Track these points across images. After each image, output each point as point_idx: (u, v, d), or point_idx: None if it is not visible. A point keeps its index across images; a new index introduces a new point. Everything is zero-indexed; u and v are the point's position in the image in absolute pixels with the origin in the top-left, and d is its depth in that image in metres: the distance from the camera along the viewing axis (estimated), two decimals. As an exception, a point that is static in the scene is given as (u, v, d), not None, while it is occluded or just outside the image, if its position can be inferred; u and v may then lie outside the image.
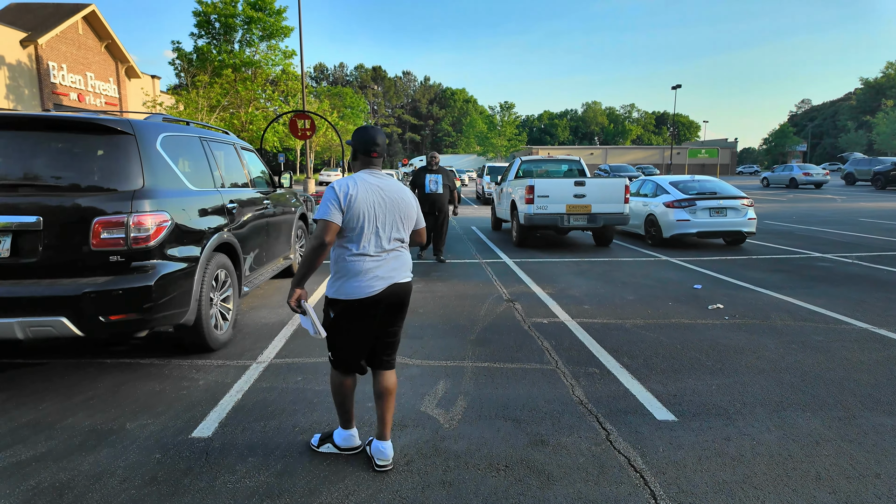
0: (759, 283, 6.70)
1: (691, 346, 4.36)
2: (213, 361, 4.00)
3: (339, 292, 2.48)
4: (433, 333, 4.67)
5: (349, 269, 2.45)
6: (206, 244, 3.99)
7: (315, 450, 2.74)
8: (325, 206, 2.39)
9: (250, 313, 5.31)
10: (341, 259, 2.47)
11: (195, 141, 4.42)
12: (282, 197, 6.35)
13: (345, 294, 2.46)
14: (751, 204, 9.48)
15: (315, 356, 4.11)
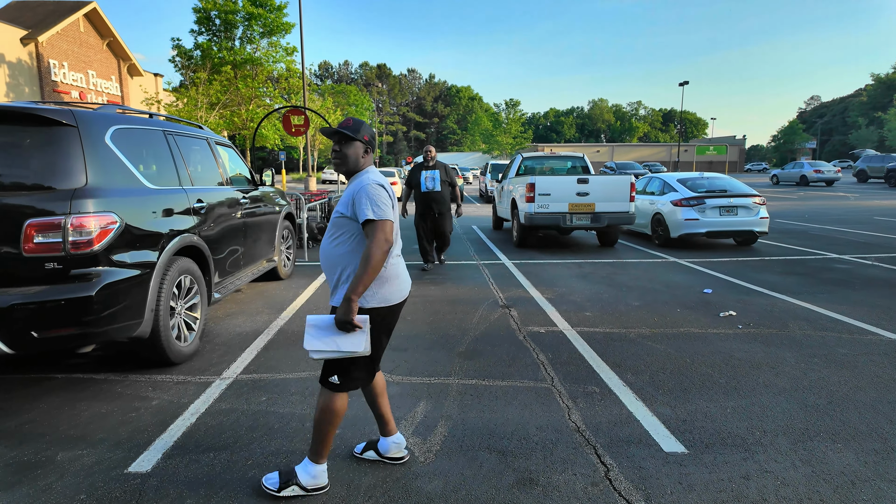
0: (774, 286, 6.26)
1: (702, 359, 3.94)
2: (173, 377, 3.63)
3: (382, 299, 2.26)
4: (419, 345, 4.28)
5: (391, 272, 2.29)
6: (165, 248, 3.62)
7: (274, 494, 2.31)
8: (384, 205, 2.18)
9: (225, 321, 4.94)
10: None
11: (157, 135, 4.04)
12: (264, 196, 5.97)
13: (386, 300, 2.28)
14: (763, 202, 9.02)
15: (285, 371, 3.73)
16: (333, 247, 2.27)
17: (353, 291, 2.08)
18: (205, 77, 24.76)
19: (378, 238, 2.11)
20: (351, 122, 2.32)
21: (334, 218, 2.29)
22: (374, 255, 2.09)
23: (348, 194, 2.24)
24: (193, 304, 4.10)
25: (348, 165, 2.32)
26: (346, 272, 2.22)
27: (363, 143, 2.33)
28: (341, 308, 2.09)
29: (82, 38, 26.98)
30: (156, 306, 3.50)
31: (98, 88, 26.98)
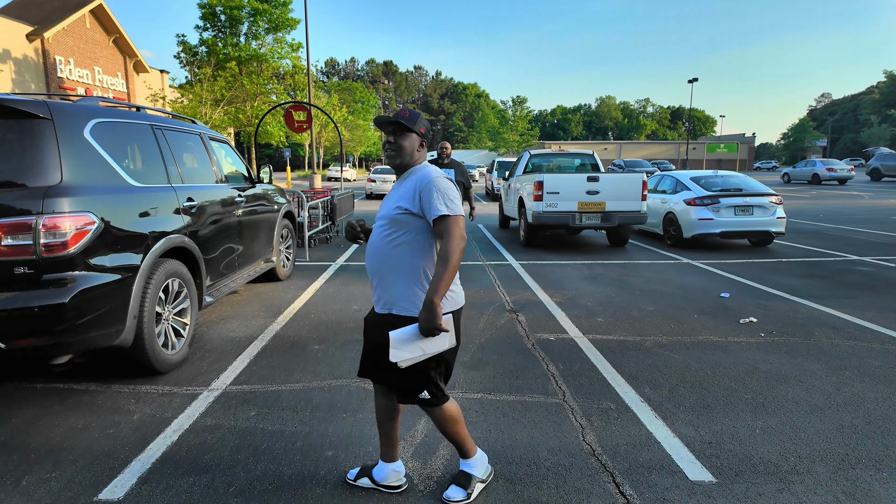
0: (794, 290, 5.96)
1: (725, 372, 3.67)
2: (158, 388, 3.41)
3: (455, 301, 2.15)
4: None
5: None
6: (149, 250, 3.39)
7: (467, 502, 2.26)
8: (456, 199, 2.07)
9: (218, 325, 4.71)
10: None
11: (145, 129, 3.81)
12: (262, 194, 5.74)
13: (458, 302, 2.17)
14: (780, 202, 8.71)
15: (277, 382, 3.49)
16: (392, 246, 2.09)
17: (435, 294, 1.92)
18: (209, 73, 24.59)
19: (455, 235, 1.98)
20: (408, 113, 2.15)
21: (393, 214, 2.09)
22: (453, 254, 1.96)
23: (409, 189, 2.08)
24: (182, 308, 3.87)
25: (403, 158, 2.14)
26: (408, 275, 2.07)
27: (419, 135, 2.17)
28: (425, 313, 1.92)
29: (88, 35, 26.91)
30: (139, 312, 3.27)
31: (104, 85, 26.90)
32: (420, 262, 2.07)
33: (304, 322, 4.80)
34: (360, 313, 5.07)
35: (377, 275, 2.14)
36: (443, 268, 1.93)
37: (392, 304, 2.09)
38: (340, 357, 3.93)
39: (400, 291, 2.07)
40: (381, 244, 2.12)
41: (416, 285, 2.07)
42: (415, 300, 2.05)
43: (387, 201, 2.19)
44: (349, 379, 3.53)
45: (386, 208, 2.15)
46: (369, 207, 17.62)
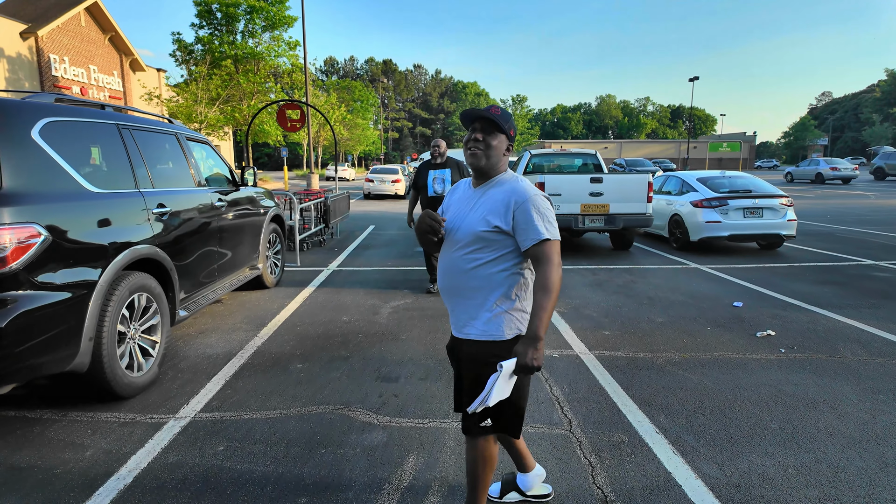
0: (810, 299, 5.63)
1: (746, 395, 3.34)
2: (119, 416, 3.07)
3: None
4: (412, 372, 3.70)
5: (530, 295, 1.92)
6: (110, 263, 3.05)
7: None
8: (553, 222, 1.83)
9: (195, 340, 4.38)
10: (528, 284, 1.91)
11: (108, 129, 3.47)
12: (246, 197, 5.40)
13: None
14: (790, 203, 8.36)
15: (252, 409, 3.15)
16: (474, 266, 1.86)
17: (539, 328, 1.71)
18: (204, 71, 24.23)
19: (556, 261, 1.78)
20: (499, 111, 1.89)
21: (480, 231, 1.84)
22: (555, 282, 1.75)
23: (500, 203, 1.84)
24: (152, 325, 3.54)
25: (489, 161, 1.89)
26: (494, 298, 1.85)
27: (509, 138, 1.92)
28: (530, 350, 1.70)
29: (84, 33, 26.57)
30: (96, 333, 2.94)
31: (100, 84, 26.54)
32: (507, 284, 1.85)
33: (288, 336, 4.46)
34: (349, 325, 4.73)
35: (456, 296, 1.92)
36: (546, 298, 1.72)
37: (473, 328, 1.88)
38: (324, 378, 3.59)
39: (480, 315, 1.86)
40: (461, 262, 1.88)
41: (500, 310, 1.86)
42: (503, 326, 1.85)
43: (463, 211, 1.91)
44: (331, 405, 3.20)
45: (468, 222, 1.87)
46: (367, 208, 17.28)
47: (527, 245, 1.78)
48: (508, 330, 1.85)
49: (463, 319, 1.91)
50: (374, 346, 4.23)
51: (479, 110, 1.87)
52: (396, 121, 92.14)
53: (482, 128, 1.87)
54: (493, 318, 1.85)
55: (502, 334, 1.85)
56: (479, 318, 1.86)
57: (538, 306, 1.72)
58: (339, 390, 3.40)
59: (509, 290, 1.85)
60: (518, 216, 1.80)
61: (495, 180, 1.91)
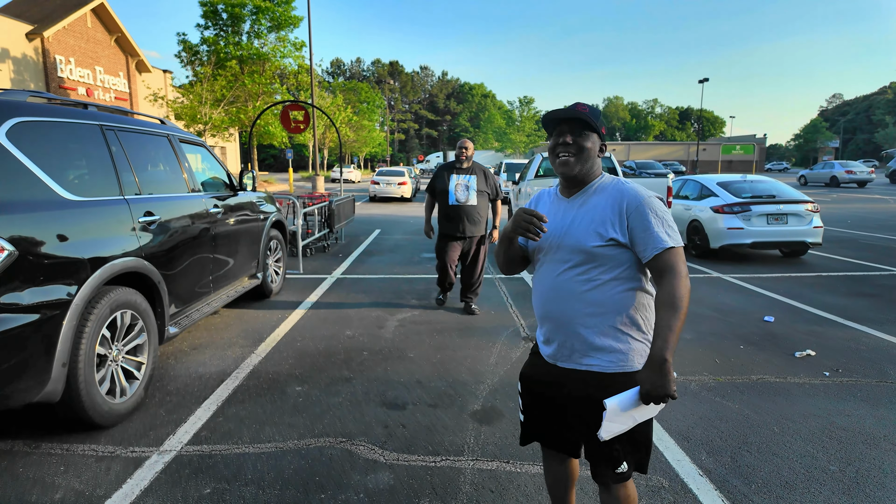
0: (846, 313, 5.26)
1: (794, 428, 2.99)
2: (97, 448, 2.76)
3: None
4: (421, 398, 3.37)
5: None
6: (88, 278, 2.75)
7: None
8: (674, 226, 1.57)
9: (188, 357, 4.07)
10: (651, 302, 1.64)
11: (91, 131, 3.17)
12: (245, 202, 5.10)
13: None
14: (816, 209, 7.98)
15: (245, 441, 2.83)
16: (590, 287, 1.59)
17: (667, 350, 1.44)
18: (209, 72, 24.06)
19: (683, 272, 1.51)
20: (587, 108, 1.64)
21: (590, 246, 1.58)
22: (684, 297, 1.48)
23: (608, 210, 1.58)
24: (137, 345, 3.23)
25: (584, 166, 1.64)
26: (618, 322, 1.59)
27: (601, 137, 1.67)
28: (656, 376, 1.44)
29: (90, 34, 26.52)
30: (70, 358, 2.63)
31: (105, 85, 26.46)
32: (629, 305, 1.59)
33: (287, 353, 4.15)
34: (352, 341, 4.41)
35: (567, 325, 1.64)
36: (674, 316, 1.46)
37: (587, 357, 1.62)
38: (325, 404, 3.27)
39: (600, 343, 1.60)
40: (573, 285, 1.61)
41: (624, 335, 1.60)
42: (632, 354, 1.60)
43: (560, 226, 1.65)
44: (332, 437, 2.88)
45: (573, 237, 1.61)
46: (373, 211, 16.98)
47: (648, 256, 1.53)
48: (639, 358, 1.60)
49: (578, 349, 1.63)
50: (378, 365, 3.91)
51: (563, 111, 1.63)
52: (402, 122, 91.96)
53: (571, 129, 1.62)
54: (620, 345, 1.59)
55: (633, 364, 1.59)
56: (603, 347, 1.60)
57: (664, 325, 1.46)
58: (341, 419, 3.07)
59: (633, 313, 1.59)
60: (634, 223, 1.54)
61: (594, 186, 1.66)
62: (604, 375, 1.60)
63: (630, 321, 1.59)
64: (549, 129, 1.70)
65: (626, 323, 1.59)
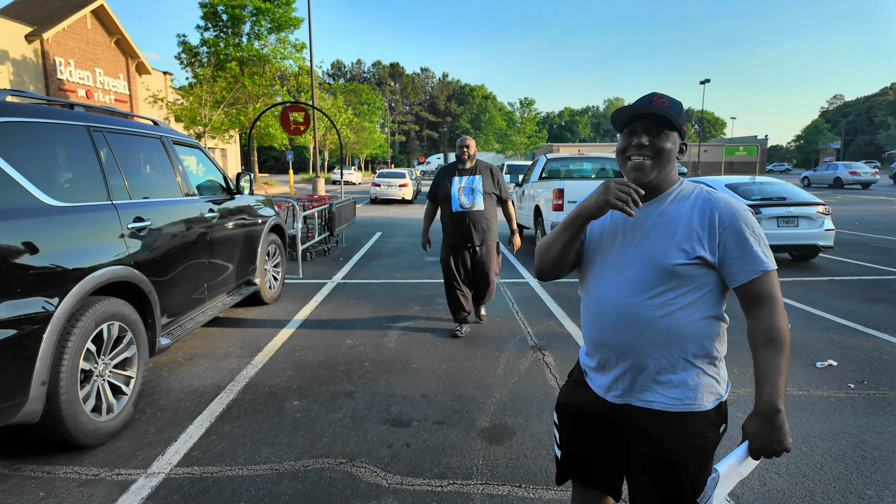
0: (865, 319, 5.07)
1: (824, 448, 2.81)
2: (81, 471, 2.58)
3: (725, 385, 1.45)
4: (427, 414, 3.19)
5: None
6: (70, 290, 2.57)
7: None
8: (768, 244, 1.38)
9: (182, 368, 3.89)
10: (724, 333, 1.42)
11: (76, 132, 3.00)
12: (243, 206, 4.93)
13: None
14: (828, 212, 7.79)
15: (239, 462, 2.65)
16: (666, 313, 1.35)
17: (780, 397, 1.25)
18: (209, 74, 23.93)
19: (781, 301, 1.32)
20: (667, 100, 1.40)
21: (669, 264, 1.34)
22: (787, 331, 1.30)
23: (694, 222, 1.35)
24: (126, 358, 3.06)
25: (661, 171, 1.39)
26: (690, 355, 1.36)
27: (681, 135, 1.42)
28: (768, 429, 1.26)
29: (89, 36, 26.44)
30: (50, 377, 2.46)
31: (105, 87, 26.35)
32: (707, 336, 1.36)
33: (285, 364, 3.97)
34: (353, 351, 4.24)
35: (630, 354, 1.39)
36: (780, 355, 1.27)
37: (649, 392, 1.39)
38: (324, 420, 3.09)
39: (667, 377, 1.37)
40: (643, 309, 1.36)
41: (694, 369, 1.37)
42: (701, 392, 1.37)
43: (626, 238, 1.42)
44: (331, 458, 2.70)
45: (648, 252, 1.37)
46: (374, 213, 16.82)
47: (742, 280, 1.32)
48: (708, 396, 1.37)
49: (641, 382, 1.40)
50: (381, 377, 3.73)
51: (637, 105, 1.37)
52: (403, 124, 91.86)
53: (646, 128, 1.38)
54: (690, 380, 1.36)
55: (702, 403, 1.36)
56: (670, 383, 1.37)
57: (769, 367, 1.27)
58: (342, 437, 2.90)
59: (709, 343, 1.37)
60: (728, 241, 1.32)
61: (672, 193, 1.41)
62: (667, 415, 1.37)
63: (705, 354, 1.37)
64: (618, 126, 1.44)
65: (699, 355, 1.36)
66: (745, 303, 1.35)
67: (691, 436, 1.34)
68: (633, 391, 1.41)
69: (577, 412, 1.53)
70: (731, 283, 1.34)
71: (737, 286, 1.33)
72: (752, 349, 1.32)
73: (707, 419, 1.36)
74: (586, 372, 1.54)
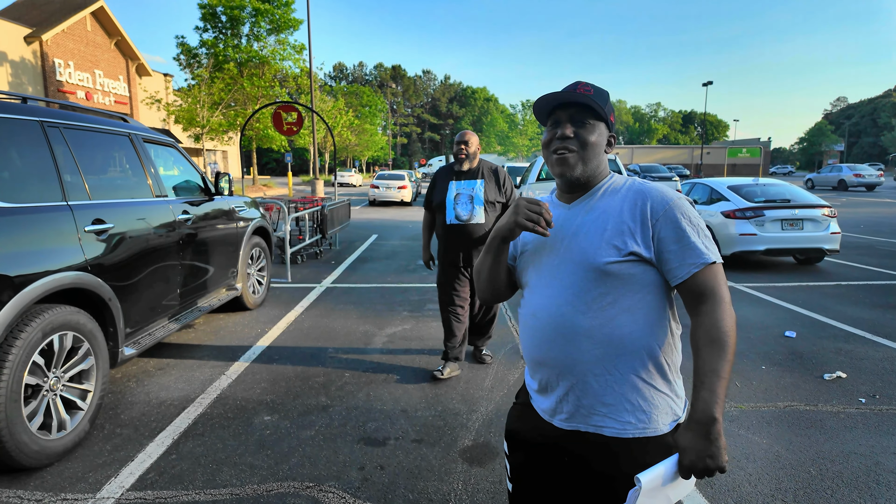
0: (874, 327, 4.83)
1: (836, 472, 2.57)
2: (22, 496, 2.36)
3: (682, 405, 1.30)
4: (405, 431, 2.97)
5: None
6: (11, 298, 2.36)
7: None
8: (711, 237, 1.20)
9: (151, 379, 3.68)
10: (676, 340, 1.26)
11: (28, 128, 2.79)
12: (223, 209, 4.72)
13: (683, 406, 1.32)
14: (833, 214, 7.55)
15: (197, 485, 2.43)
16: (600, 320, 1.18)
17: (718, 404, 1.07)
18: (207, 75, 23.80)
19: (727, 297, 1.16)
20: (591, 89, 1.27)
21: (601, 263, 1.18)
22: (732, 330, 1.13)
23: (625, 214, 1.21)
24: (82, 370, 2.84)
25: (588, 165, 1.25)
26: (639, 368, 1.20)
27: (609, 126, 1.29)
28: (701, 442, 1.07)
29: (89, 37, 26.37)
30: (-14, 393, 2.24)
31: (105, 88, 26.28)
32: (653, 344, 1.20)
33: (261, 374, 3.75)
34: (335, 360, 4.02)
35: (565, 368, 1.23)
36: (721, 357, 1.10)
37: (596, 416, 1.21)
38: (294, 439, 2.87)
39: (614, 398, 1.20)
40: (575, 316, 1.20)
41: (646, 386, 1.20)
42: (656, 412, 1.20)
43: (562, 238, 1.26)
44: (297, 481, 2.48)
45: (580, 250, 1.22)
46: (371, 215, 16.61)
47: (682, 276, 1.16)
48: (664, 417, 1.21)
49: (585, 404, 1.22)
50: (360, 390, 3.51)
51: (558, 94, 1.24)
52: (405, 126, 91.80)
53: (570, 118, 1.24)
54: (640, 400, 1.20)
55: (657, 426, 1.20)
56: (619, 404, 1.20)
57: (708, 370, 1.09)
58: (311, 458, 2.67)
59: (658, 354, 1.20)
60: (663, 232, 1.17)
61: (602, 188, 1.28)
62: (619, 441, 1.20)
63: (655, 367, 1.20)
64: (542, 118, 1.31)
65: (649, 370, 1.19)
66: (687, 301, 1.18)
67: (647, 466, 1.16)
68: (580, 415, 1.23)
69: (526, 440, 1.34)
70: (672, 280, 1.18)
71: (676, 283, 1.17)
72: (693, 351, 1.14)
73: (663, 444, 1.19)
74: (530, 394, 1.37)
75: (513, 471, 1.39)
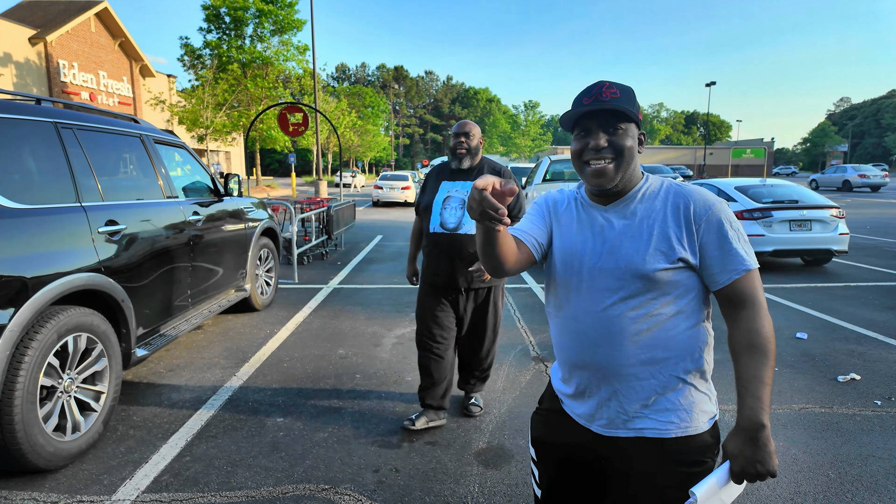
0: (887, 329, 4.81)
1: (855, 475, 2.55)
2: (37, 498, 2.36)
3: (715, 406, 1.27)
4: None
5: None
6: (27, 300, 2.36)
7: None
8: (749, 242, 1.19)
9: (163, 379, 3.67)
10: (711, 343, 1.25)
11: (42, 129, 2.79)
12: (232, 209, 4.72)
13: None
14: (842, 215, 7.52)
15: (211, 489, 2.42)
16: (647, 325, 1.18)
17: (765, 410, 1.07)
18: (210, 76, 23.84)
19: (765, 303, 1.16)
20: (618, 91, 1.20)
21: (650, 270, 1.16)
22: (772, 336, 1.13)
23: (669, 219, 1.18)
24: (96, 372, 2.84)
25: (625, 172, 1.21)
26: (681, 371, 1.19)
27: (638, 125, 1.24)
28: (757, 448, 1.06)
29: (93, 39, 26.44)
30: (2, 394, 2.24)
31: (109, 89, 26.36)
32: (696, 346, 1.20)
33: (272, 375, 3.75)
34: (345, 362, 4.01)
35: (609, 373, 1.21)
36: (764, 363, 1.10)
37: (639, 419, 1.20)
38: (307, 441, 2.86)
39: (658, 399, 1.19)
40: (621, 322, 1.18)
41: (686, 387, 1.20)
42: (695, 412, 1.20)
43: (593, 242, 1.24)
44: (313, 483, 2.47)
45: (622, 256, 1.19)
46: (375, 216, 16.61)
47: (724, 282, 1.15)
48: (703, 416, 1.21)
49: (628, 409, 1.21)
50: (372, 391, 3.50)
51: (587, 106, 1.16)
52: (407, 127, 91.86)
53: (602, 125, 1.18)
54: (683, 400, 1.19)
55: (697, 424, 1.20)
56: (662, 405, 1.19)
57: (752, 376, 1.09)
58: (325, 460, 2.66)
59: (699, 356, 1.20)
60: (707, 238, 1.15)
61: (641, 191, 1.24)
62: (661, 441, 1.19)
63: (696, 368, 1.21)
64: (567, 127, 1.25)
65: (692, 371, 1.20)
66: (725, 306, 1.18)
67: (688, 464, 1.17)
68: (620, 420, 1.22)
69: (559, 448, 1.33)
70: (712, 286, 1.18)
71: (717, 289, 1.17)
72: (733, 357, 1.14)
73: (703, 443, 1.20)
74: (562, 399, 1.34)
75: (541, 478, 1.37)
